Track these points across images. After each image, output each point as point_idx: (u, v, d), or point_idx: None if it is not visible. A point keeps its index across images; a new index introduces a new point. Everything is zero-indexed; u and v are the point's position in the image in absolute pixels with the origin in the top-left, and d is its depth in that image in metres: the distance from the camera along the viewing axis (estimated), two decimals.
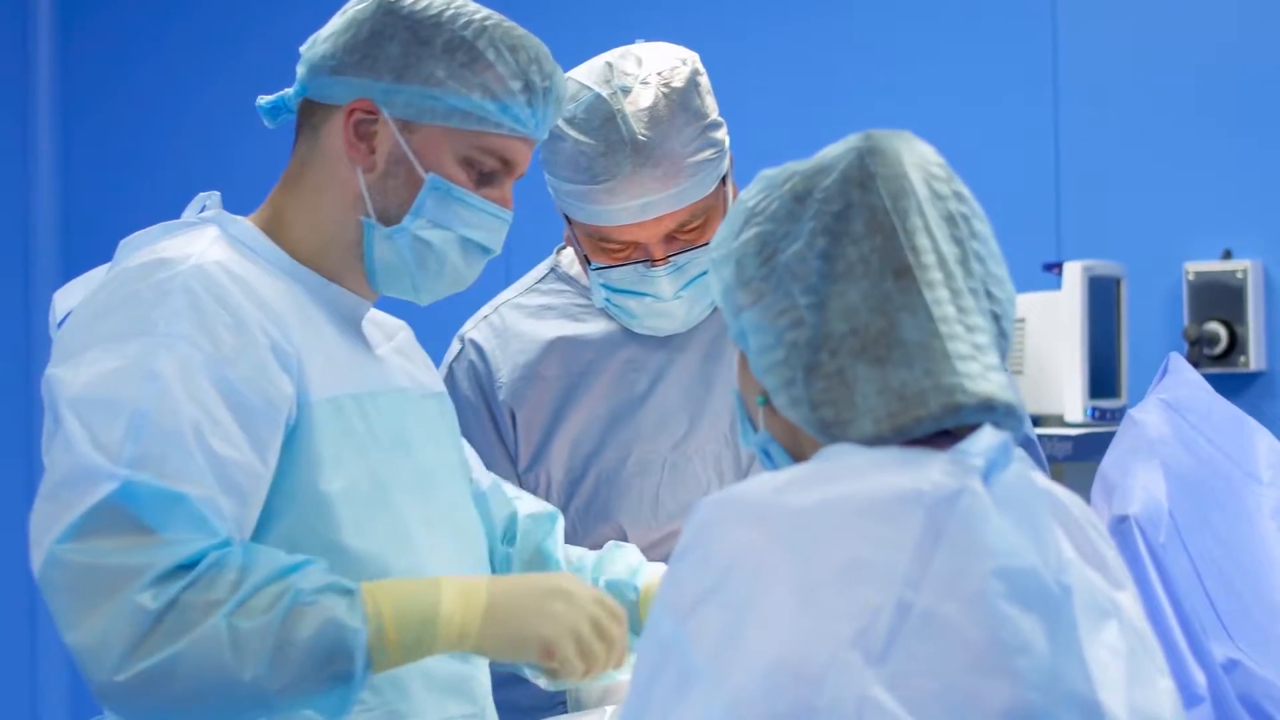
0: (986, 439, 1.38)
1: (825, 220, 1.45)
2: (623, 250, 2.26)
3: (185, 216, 1.91)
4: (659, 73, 2.24)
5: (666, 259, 2.24)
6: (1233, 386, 3.96)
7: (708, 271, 1.71)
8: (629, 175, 2.19)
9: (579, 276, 2.39)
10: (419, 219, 1.89)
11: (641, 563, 2.11)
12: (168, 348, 1.72)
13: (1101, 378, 3.89)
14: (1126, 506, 1.84)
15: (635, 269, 2.25)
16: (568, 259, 2.42)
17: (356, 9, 1.91)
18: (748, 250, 1.48)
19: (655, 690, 1.34)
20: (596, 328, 2.36)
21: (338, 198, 1.89)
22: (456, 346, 2.39)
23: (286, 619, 1.67)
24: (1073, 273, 3.86)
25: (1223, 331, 3.96)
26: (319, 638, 1.68)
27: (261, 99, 1.96)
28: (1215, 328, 3.97)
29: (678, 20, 4.14)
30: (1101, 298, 3.91)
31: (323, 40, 1.92)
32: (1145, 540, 1.81)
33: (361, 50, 1.88)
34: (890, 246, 1.44)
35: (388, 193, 1.88)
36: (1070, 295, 3.85)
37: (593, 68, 2.27)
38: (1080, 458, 3.68)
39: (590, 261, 2.29)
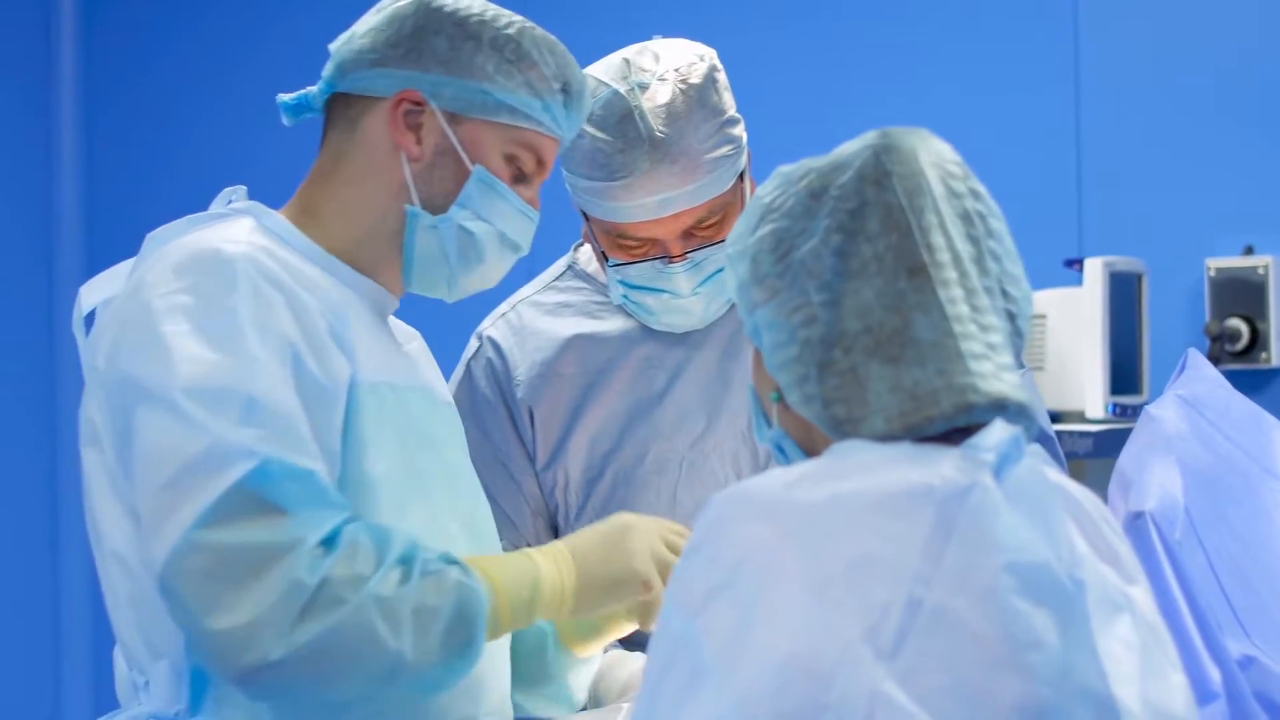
0: (998, 434, 1.38)
1: (841, 218, 1.46)
2: (640, 247, 2.26)
3: (213, 210, 1.92)
4: (676, 69, 2.24)
5: (684, 255, 2.24)
6: (1254, 383, 3.96)
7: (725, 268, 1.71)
8: (646, 172, 2.19)
9: (596, 274, 2.39)
10: (464, 210, 1.91)
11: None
12: (256, 331, 1.74)
13: (1123, 374, 3.88)
14: (1142, 502, 1.84)
15: (653, 265, 2.25)
16: (585, 256, 2.42)
17: (396, 6, 1.93)
18: (763, 247, 1.49)
19: (666, 686, 1.35)
20: (614, 325, 2.36)
21: (379, 188, 1.91)
22: (474, 344, 2.39)
23: (422, 588, 1.70)
24: (1094, 269, 3.85)
25: (1244, 328, 3.95)
26: (450, 606, 1.71)
27: (283, 96, 1.97)
28: (1237, 324, 3.96)
29: (695, 17, 4.14)
30: (1123, 294, 3.91)
31: (361, 36, 1.93)
32: (1161, 536, 1.81)
33: (406, 44, 1.90)
34: (905, 245, 1.44)
35: (433, 183, 1.90)
36: (1091, 291, 3.84)
37: (610, 64, 2.27)
38: (1101, 454, 3.67)
39: (608, 258, 2.29)
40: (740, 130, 2.26)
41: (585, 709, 2.15)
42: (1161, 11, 4.13)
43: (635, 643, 2.17)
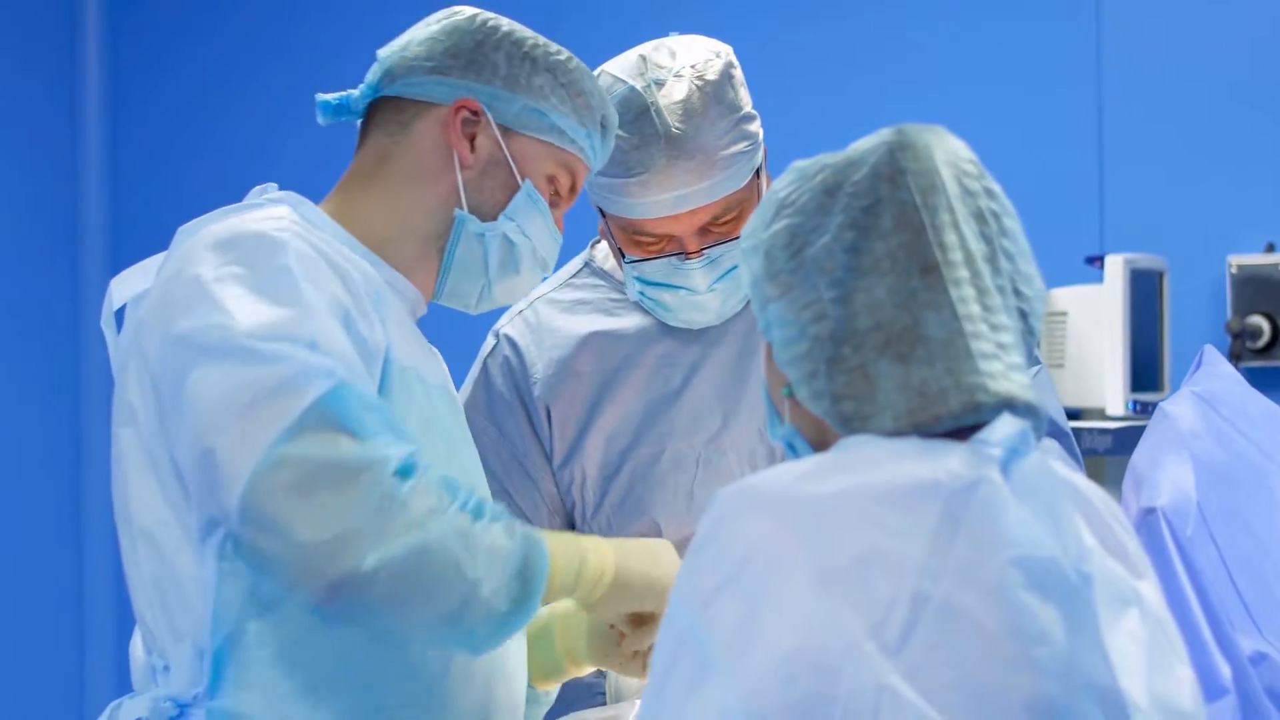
0: (1005, 429, 1.38)
1: (854, 214, 1.46)
2: (657, 243, 2.26)
3: (246, 202, 1.93)
4: (693, 65, 2.24)
5: (700, 251, 2.24)
6: (1275, 380, 3.94)
7: None
8: (663, 168, 2.19)
9: (613, 271, 2.39)
10: (510, 222, 1.96)
11: None
12: (311, 286, 1.76)
13: (1143, 371, 3.88)
14: (1154, 499, 1.84)
15: (669, 262, 2.25)
16: (601, 253, 2.43)
17: (455, 19, 1.98)
18: (777, 242, 1.49)
19: (673, 679, 1.35)
20: (631, 322, 2.36)
21: (426, 190, 1.94)
22: (491, 342, 2.39)
23: (493, 530, 1.73)
24: (1114, 266, 3.84)
25: (1265, 325, 3.94)
26: (518, 551, 1.74)
27: (325, 96, 2.00)
28: (1258, 321, 3.95)
29: (713, 14, 4.14)
30: (1144, 291, 3.90)
31: (417, 44, 1.97)
32: (1172, 533, 1.82)
33: (467, 56, 1.95)
34: (918, 243, 1.44)
35: (483, 191, 1.95)
36: (1112, 289, 3.83)
37: (626, 61, 2.27)
38: (1121, 451, 3.67)
39: (624, 255, 2.29)
40: (757, 127, 2.26)
41: (604, 704, 2.16)
42: (1184, 8, 4.13)
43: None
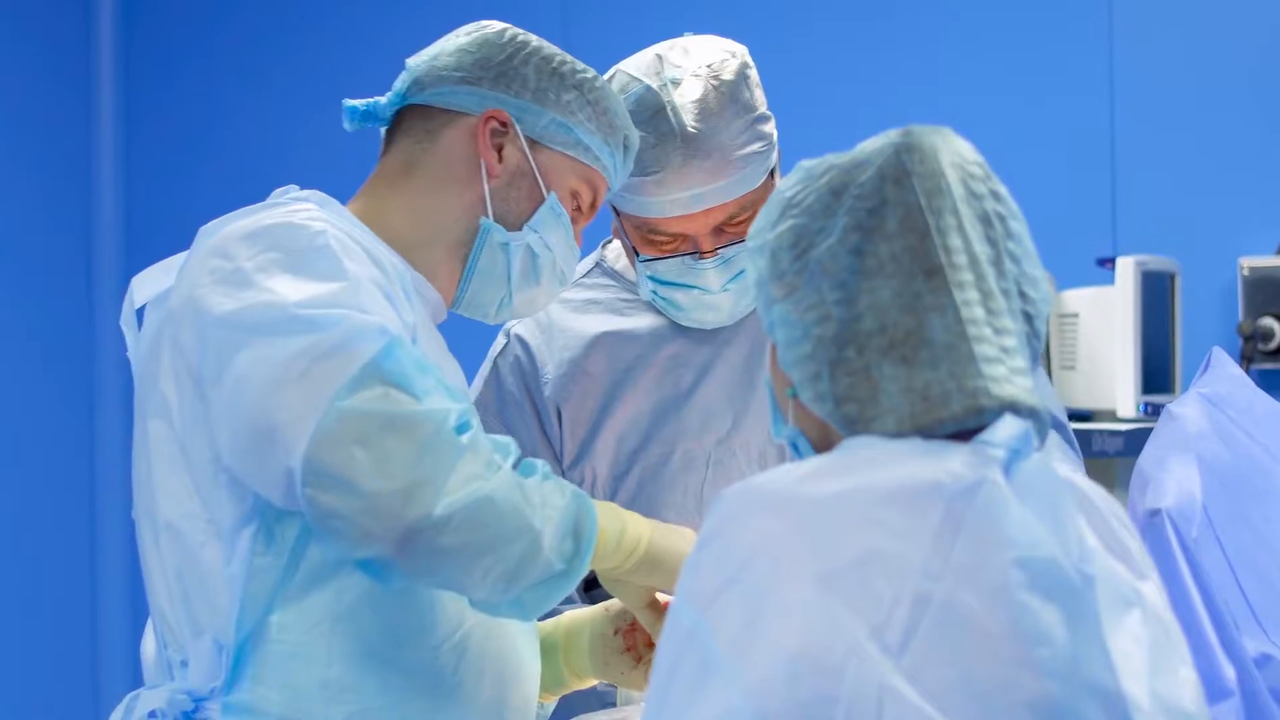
0: (1008, 430, 1.39)
1: (859, 216, 1.46)
2: (671, 243, 2.26)
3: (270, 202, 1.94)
4: (708, 65, 2.24)
5: (714, 251, 2.24)
6: None
7: None
8: (678, 167, 2.19)
9: (625, 271, 2.40)
10: (534, 233, 1.99)
11: None
12: (352, 263, 1.78)
13: (1155, 373, 3.87)
14: (1159, 500, 1.85)
15: (683, 261, 2.25)
16: (613, 253, 2.43)
17: (485, 32, 2.01)
18: (783, 243, 1.49)
19: (677, 679, 1.36)
20: (642, 322, 2.36)
21: (452, 197, 1.97)
22: (502, 341, 2.40)
23: (544, 487, 1.75)
24: (1126, 268, 3.84)
25: (1277, 327, 3.93)
26: (571, 508, 1.77)
27: (352, 102, 2.01)
28: (1270, 323, 3.94)
29: (725, 14, 4.15)
30: (1155, 293, 3.90)
31: (448, 54, 2.00)
32: (1177, 534, 1.82)
33: (498, 69, 1.98)
34: (922, 245, 1.44)
35: (509, 201, 1.98)
36: (1123, 290, 3.83)
37: (642, 60, 2.27)
38: (1131, 453, 3.66)
39: (638, 254, 2.29)
40: (771, 127, 2.27)
41: (615, 705, 2.17)
42: (1196, 12, 4.12)
43: None
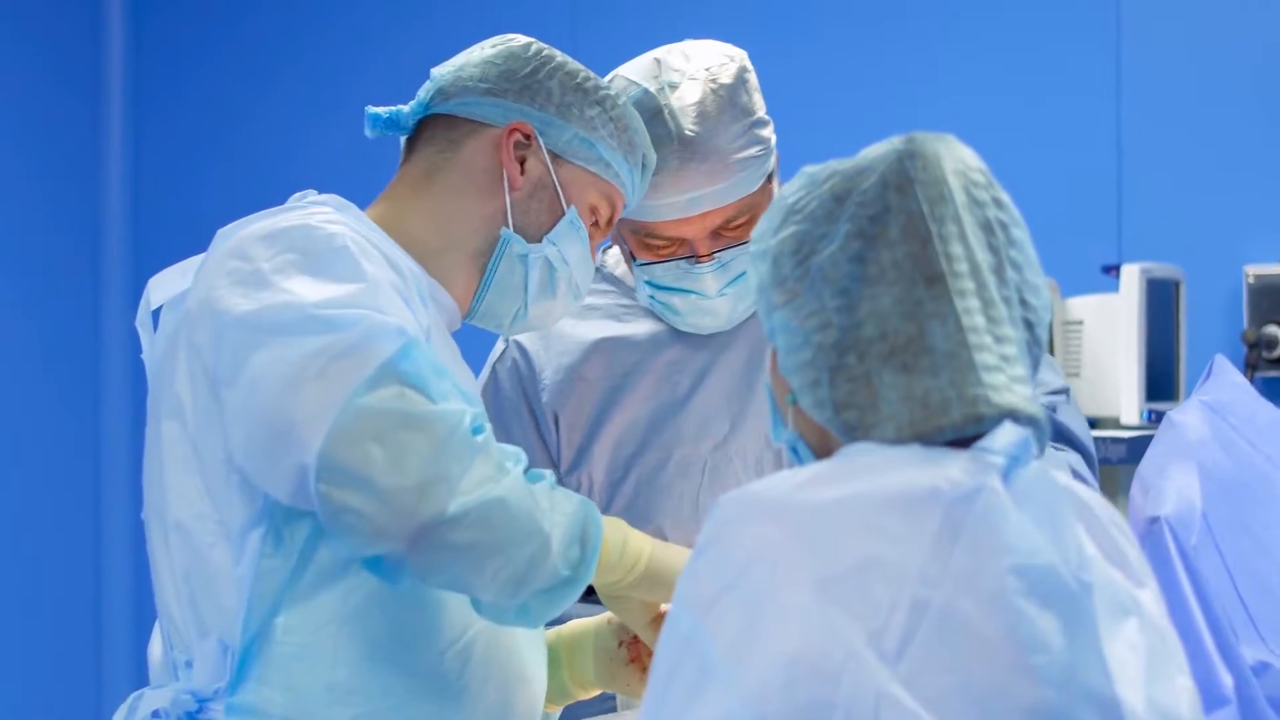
0: (1006, 437, 1.39)
1: (861, 223, 1.46)
2: (668, 247, 2.26)
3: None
4: (707, 69, 2.24)
5: (712, 255, 2.24)
6: None
7: None
8: (676, 170, 2.19)
9: (623, 277, 2.40)
10: (553, 246, 2.00)
11: None
12: (370, 265, 1.79)
13: (1159, 381, 3.87)
14: (1159, 508, 1.85)
15: (680, 265, 2.25)
16: (612, 259, 2.43)
17: (511, 45, 2.03)
18: (784, 249, 1.50)
19: (674, 685, 1.36)
20: (640, 328, 2.36)
21: (473, 207, 1.98)
22: (500, 347, 2.40)
23: (553, 492, 1.77)
24: (1131, 275, 3.84)
25: None
26: (578, 516, 1.78)
27: (376, 110, 2.03)
28: (1274, 331, 3.94)
29: (726, 18, 4.15)
30: (1160, 300, 3.90)
31: (473, 66, 2.01)
32: (1176, 541, 1.82)
33: (522, 81, 2.00)
34: (924, 253, 1.44)
35: (529, 214, 2.00)
36: (1128, 298, 3.83)
37: (641, 64, 2.27)
38: (1135, 460, 3.64)
39: (635, 258, 2.29)
40: (769, 132, 2.27)
41: (615, 711, 2.17)
42: (1203, 19, 4.13)
43: None
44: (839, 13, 4.48)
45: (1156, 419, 3.79)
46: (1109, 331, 3.86)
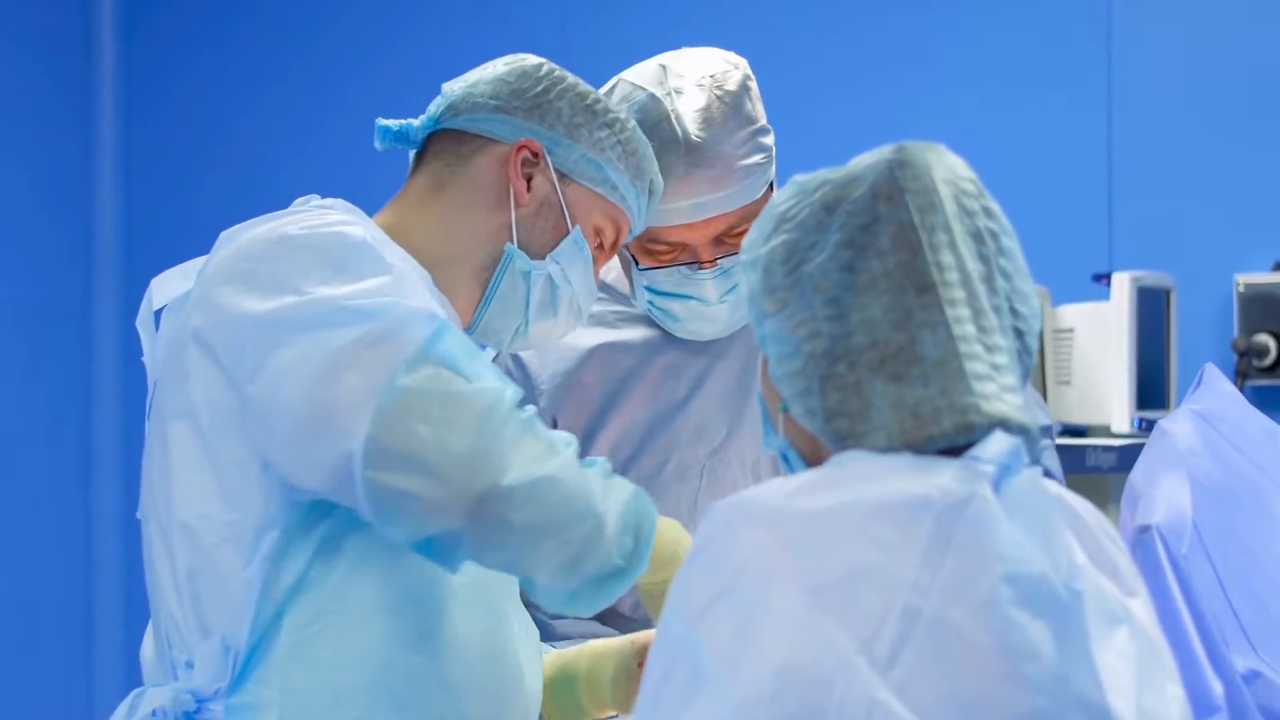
0: (997, 445, 1.39)
1: (851, 232, 1.47)
2: (670, 252, 2.26)
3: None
4: (712, 75, 2.25)
5: (714, 261, 2.25)
6: None
7: None
8: (681, 175, 2.20)
9: (616, 283, 2.40)
10: (555, 265, 2.01)
11: None
12: (396, 259, 1.80)
13: (1149, 388, 3.88)
14: (1149, 516, 1.85)
15: (680, 271, 2.26)
16: (605, 267, 2.43)
17: (523, 64, 2.04)
18: (775, 257, 1.50)
19: (666, 690, 1.36)
20: (635, 334, 2.37)
21: (480, 221, 1.99)
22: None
23: (608, 479, 1.77)
24: (1121, 283, 3.84)
25: (1272, 344, 3.94)
26: (633, 499, 1.78)
27: (386, 122, 2.03)
28: (1265, 340, 3.94)
29: (722, 27, 4.16)
30: (1151, 309, 3.90)
31: (485, 83, 2.02)
32: (1167, 550, 1.82)
33: (532, 100, 2.01)
34: (914, 262, 1.45)
35: (534, 231, 2.00)
36: (1119, 306, 3.83)
37: (645, 69, 2.28)
38: (1126, 468, 3.63)
39: (636, 263, 2.29)
40: (771, 140, 2.28)
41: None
42: (1194, 27, 4.14)
43: None
44: (827, 21, 4.49)
45: (1147, 427, 3.80)
46: (1100, 339, 3.87)
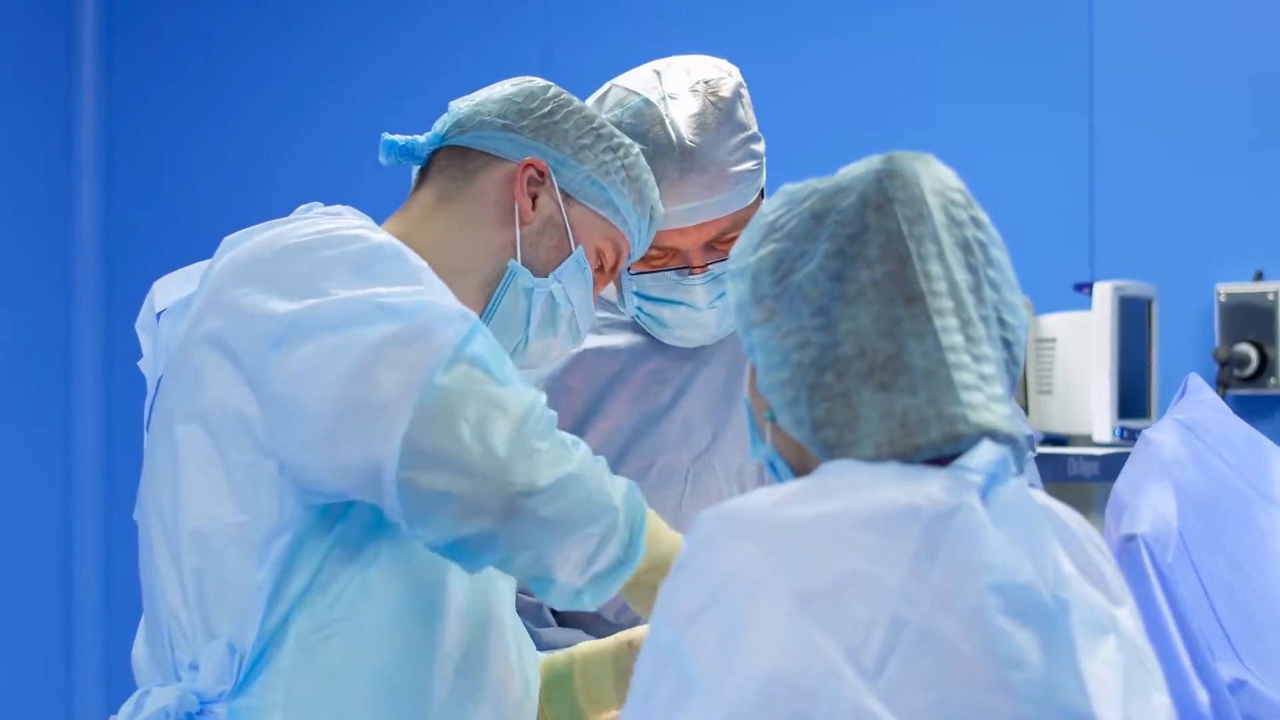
0: (985, 455, 1.39)
1: (840, 242, 1.47)
2: (661, 257, 2.26)
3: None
4: (706, 81, 2.26)
5: (704, 267, 2.25)
6: (1263, 408, 3.96)
7: None
8: (675, 180, 2.20)
9: (603, 292, 2.40)
10: (557, 284, 2.02)
11: None
12: (419, 261, 1.81)
13: (1131, 398, 3.89)
14: (1135, 526, 1.85)
15: (670, 277, 2.26)
16: None
17: (530, 85, 2.06)
18: (763, 267, 1.50)
19: (653, 701, 1.36)
20: (621, 340, 2.37)
21: (484, 237, 2.00)
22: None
23: (610, 475, 1.78)
24: (1103, 293, 3.86)
25: (1253, 353, 3.96)
26: (629, 497, 1.79)
27: (392, 137, 2.05)
28: (1246, 349, 3.96)
29: (707, 36, 4.17)
30: (1132, 318, 3.91)
31: (493, 102, 2.04)
32: (1152, 560, 1.83)
33: (539, 120, 2.02)
34: (903, 272, 1.45)
35: (538, 249, 2.01)
36: (1100, 315, 3.84)
37: (639, 75, 2.29)
38: (1107, 477, 3.67)
39: (627, 268, 2.29)
40: (762, 148, 2.28)
41: None
42: (1176, 37, 4.15)
43: None
44: (809, 31, 4.50)
45: (1128, 436, 3.81)
46: (1081, 349, 3.88)
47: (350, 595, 1.79)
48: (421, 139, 2.05)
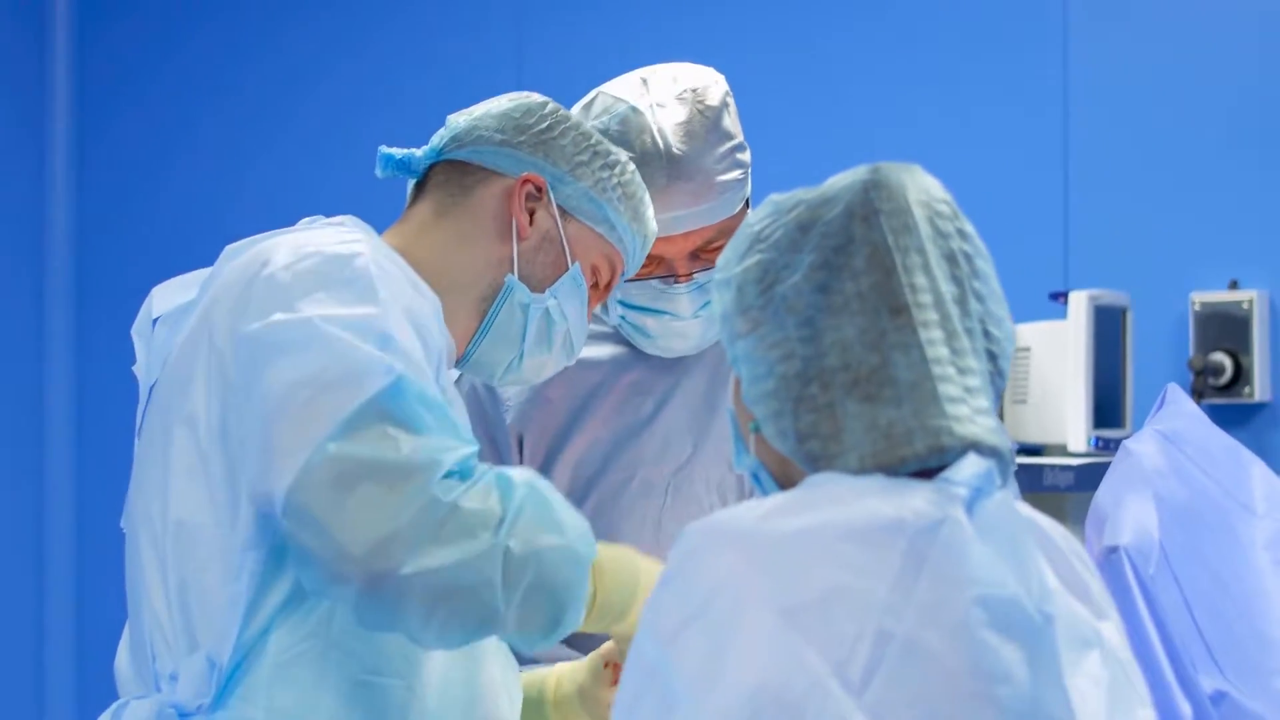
0: (970, 468, 1.39)
1: (825, 253, 1.46)
2: (646, 266, 2.25)
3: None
4: (693, 89, 2.25)
5: (689, 276, 2.25)
6: (1237, 417, 3.97)
7: None
8: (663, 188, 2.20)
9: None
10: (553, 299, 2.01)
11: None
12: (386, 290, 1.79)
13: (1106, 407, 3.89)
14: (1117, 537, 1.85)
15: (654, 286, 2.25)
16: None
17: (529, 101, 2.05)
18: (749, 277, 1.49)
19: (637, 714, 1.36)
20: (602, 351, 2.36)
21: (481, 252, 1.99)
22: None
23: (542, 558, 1.72)
24: (1078, 302, 3.86)
25: (1228, 362, 3.96)
26: (560, 580, 1.74)
27: (389, 150, 2.04)
28: (1221, 358, 3.96)
29: (685, 44, 4.17)
30: (1107, 327, 3.92)
31: (491, 117, 2.03)
32: (1135, 571, 1.82)
33: (536, 136, 2.02)
34: (888, 284, 1.44)
35: (535, 265, 2.01)
36: (1075, 324, 3.85)
37: (626, 82, 2.28)
38: (1082, 487, 3.68)
39: None
40: (748, 157, 2.28)
41: None
42: (1151, 45, 4.15)
43: None
44: (782, 39, 4.50)
45: (1104, 446, 3.81)
46: (1056, 358, 3.88)
47: (329, 609, 1.78)
48: (418, 152, 2.04)
